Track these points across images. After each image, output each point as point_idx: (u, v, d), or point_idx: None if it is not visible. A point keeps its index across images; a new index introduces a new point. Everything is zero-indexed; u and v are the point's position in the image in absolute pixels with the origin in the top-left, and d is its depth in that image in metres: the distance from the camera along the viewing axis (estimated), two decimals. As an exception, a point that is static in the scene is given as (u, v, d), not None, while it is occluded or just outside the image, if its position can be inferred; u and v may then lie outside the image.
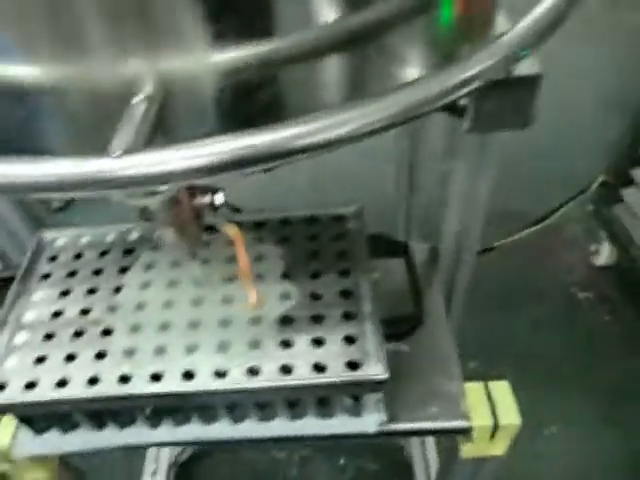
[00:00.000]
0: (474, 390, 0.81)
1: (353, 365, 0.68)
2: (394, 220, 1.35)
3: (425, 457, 1.46)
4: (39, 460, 0.84)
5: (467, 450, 0.84)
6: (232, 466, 1.58)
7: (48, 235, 0.88)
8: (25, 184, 0.43)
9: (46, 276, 0.83)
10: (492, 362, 1.49)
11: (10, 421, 0.81)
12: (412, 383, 0.81)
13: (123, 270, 0.82)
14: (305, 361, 0.68)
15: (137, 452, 1.53)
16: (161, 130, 0.48)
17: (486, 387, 0.81)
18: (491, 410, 0.79)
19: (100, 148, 0.51)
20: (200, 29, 0.47)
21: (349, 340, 0.70)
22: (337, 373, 0.67)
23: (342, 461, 1.58)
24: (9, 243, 0.97)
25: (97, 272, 0.82)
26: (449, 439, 0.90)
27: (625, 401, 1.64)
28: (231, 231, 0.63)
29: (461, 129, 0.76)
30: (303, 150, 0.44)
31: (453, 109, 0.67)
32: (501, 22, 0.63)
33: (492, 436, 0.80)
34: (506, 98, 0.63)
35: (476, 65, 0.52)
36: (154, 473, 1.48)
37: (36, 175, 0.42)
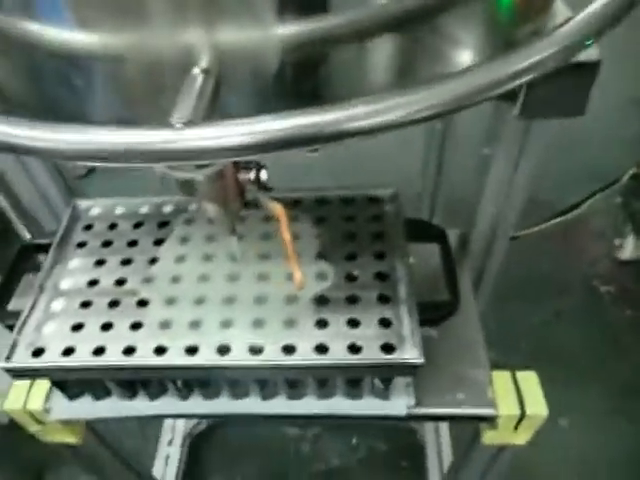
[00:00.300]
0: (501, 378, 0.81)
1: (388, 348, 0.68)
2: (417, 202, 1.34)
3: (438, 440, 1.47)
4: (68, 424, 0.86)
5: (489, 437, 0.85)
6: (246, 440, 1.61)
7: (83, 204, 0.88)
8: (85, 151, 0.43)
9: (81, 245, 0.83)
10: (511, 352, 1.48)
11: (43, 386, 0.82)
12: (440, 369, 0.81)
13: (157, 242, 0.82)
14: (340, 341, 0.68)
15: (153, 421, 1.56)
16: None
17: (513, 376, 0.81)
18: (518, 400, 0.79)
19: (152, 118, 0.51)
20: (260, 1, 0.46)
21: (384, 323, 0.70)
22: (372, 355, 0.67)
23: (354, 440, 1.60)
24: (42, 209, 0.98)
25: (132, 243, 0.82)
26: (471, 425, 0.90)
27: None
28: (275, 209, 0.63)
29: (507, 113, 0.75)
30: (369, 131, 0.43)
31: (502, 94, 0.66)
32: (560, 6, 0.62)
33: (517, 425, 0.80)
34: (562, 85, 0.61)
35: (537, 53, 0.50)
36: (170, 443, 1.51)
37: (99, 143, 0.42)
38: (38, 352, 0.70)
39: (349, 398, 0.77)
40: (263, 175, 0.64)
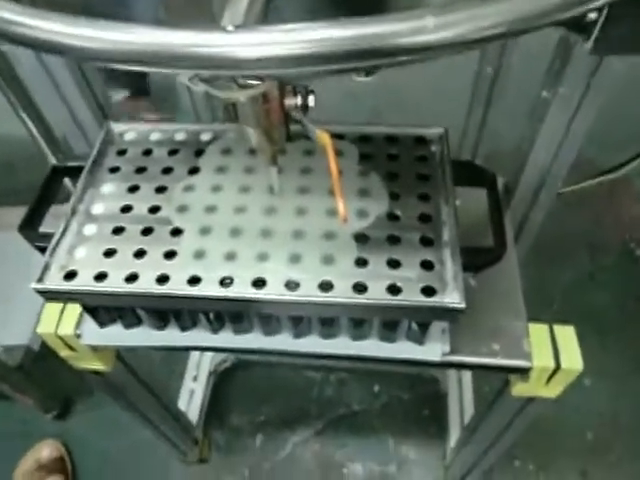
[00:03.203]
0: (538, 331, 0.78)
1: (429, 291, 0.65)
2: (457, 148, 1.29)
3: (460, 391, 1.47)
4: (98, 351, 0.86)
5: (519, 389, 0.83)
6: (268, 380, 1.62)
7: (117, 127, 0.85)
8: (130, 53, 0.40)
9: (114, 170, 0.80)
10: (542, 309, 1.45)
11: (74, 312, 0.82)
12: (476, 317, 0.79)
13: (193, 171, 0.79)
14: (380, 282, 0.65)
15: (179, 358, 1.58)
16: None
17: (551, 330, 0.79)
18: (553, 352, 0.76)
19: (193, 21, 0.47)
20: None
21: (426, 265, 0.67)
22: (412, 297, 0.64)
23: (376, 388, 1.60)
24: (73, 131, 0.95)
25: (166, 171, 0.79)
26: (501, 376, 0.88)
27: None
28: (322, 138, 0.59)
29: (574, 50, 0.69)
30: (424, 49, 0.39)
31: (575, 25, 0.60)
32: None
33: (549, 379, 0.78)
34: (642, 18, 0.56)
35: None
36: (195, 379, 1.53)
37: (148, 44, 0.39)
38: (70, 275, 0.69)
39: (383, 341, 0.75)
40: (310, 101, 0.60)
